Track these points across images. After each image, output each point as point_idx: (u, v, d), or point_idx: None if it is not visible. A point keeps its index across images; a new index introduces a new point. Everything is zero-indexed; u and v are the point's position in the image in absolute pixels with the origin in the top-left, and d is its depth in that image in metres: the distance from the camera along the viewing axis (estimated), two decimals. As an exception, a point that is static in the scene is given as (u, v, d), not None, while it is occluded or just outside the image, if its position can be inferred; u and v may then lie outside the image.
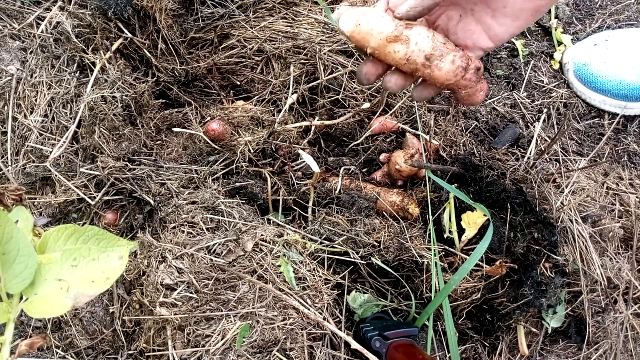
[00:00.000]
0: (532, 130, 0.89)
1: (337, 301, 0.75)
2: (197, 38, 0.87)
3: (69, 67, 0.87)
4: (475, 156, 0.84)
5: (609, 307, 0.79)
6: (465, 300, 0.75)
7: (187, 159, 0.82)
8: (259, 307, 0.65)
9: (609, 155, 0.91)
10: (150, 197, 0.76)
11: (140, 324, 0.71)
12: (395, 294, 0.79)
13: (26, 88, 0.85)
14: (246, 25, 0.87)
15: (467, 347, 0.79)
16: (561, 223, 0.78)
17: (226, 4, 0.86)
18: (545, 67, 0.97)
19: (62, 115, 0.84)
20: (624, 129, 0.94)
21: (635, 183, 0.89)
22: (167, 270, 0.66)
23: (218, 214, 0.73)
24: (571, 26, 1.02)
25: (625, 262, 0.81)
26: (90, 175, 0.80)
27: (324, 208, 0.80)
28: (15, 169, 0.82)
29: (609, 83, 0.90)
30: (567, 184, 0.84)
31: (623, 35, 0.94)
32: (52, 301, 0.39)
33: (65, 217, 0.82)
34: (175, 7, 0.82)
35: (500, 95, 0.93)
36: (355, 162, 0.87)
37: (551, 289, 0.72)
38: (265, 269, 0.67)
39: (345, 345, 0.70)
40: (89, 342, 0.76)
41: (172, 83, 0.87)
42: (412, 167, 0.80)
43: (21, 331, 0.76)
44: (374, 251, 0.75)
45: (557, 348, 0.81)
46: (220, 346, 0.63)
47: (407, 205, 0.78)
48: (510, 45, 0.97)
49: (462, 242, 0.76)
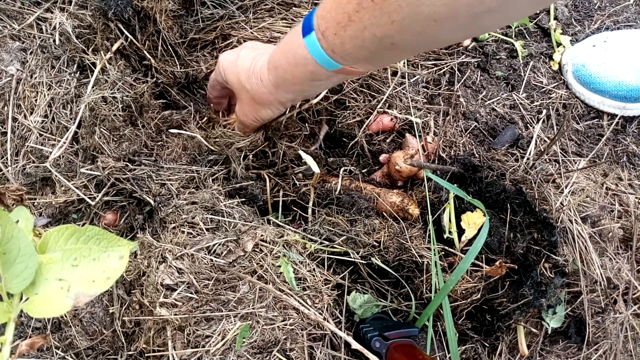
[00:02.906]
0: (532, 131, 0.90)
1: (337, 302, 0.75)
2: (197, 39, 0.87)
3: (69, 68, 0.87)
4: (474, 157, 0.84)
5: (608, 308, 0.79)
6: (465, 301, 0.75)
7: (187, 159, 0.82)
8: (259, 308, 0.65)
9: (608, 156, 0.92)
10: (150, 198, 0.76)
11: (140, 325, 0.71)
12: (395, 295, 0.79)
13: (26, 88, 0.85)
14: (246, 26, 0.87)
15: (467, 347, 0.79)
16: (561, 223, 0.78)
17: (226, 5, 0.87)
18: (545, 68, 0.97)
19: (62, 116, 0.84)
20: (622, 130, 0.94)
21: (635, 183, 0.89)
22: (167, 271, 0.66)
23: (218, 214, 0.73)
24: (570, 27, 1.02)
25: (625, 262, 0.81)
26: (91, 175, 0.80)
27: (324, 208, 0.80)
28: (15, 170, 0.82)
29: (608, 84, 0.91)
30: (567, 184, 0.84)
31: (622, 36, 0.94)
32: (52, 301, 0.39)
33: (65, 217, 0.82)
34: (176, 8, 0.82)
35: (499, 96, 0.93)
36: (355, 163, 0.87)
37: (551, 289, 0.72)
38: (266, 269, 0.67)
39: (345, 346, 0.70)
40: (88, 342, 0.76)
41: (170, 85, 0.87)
42: (411, 168, 0.80)
43: (21, 331, 0.76)
44: (374, 251, 0.75)
45: (557, 348, 0.81)
46: (221, 347, 0.63)
47: (407, 206, 0.79)
48: (509, 47, 0.98)
49: (462, 243, 0.76)
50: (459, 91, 0.92)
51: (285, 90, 0.65)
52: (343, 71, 0.58)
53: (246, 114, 0.72)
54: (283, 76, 0.63)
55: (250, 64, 0.67)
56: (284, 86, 0.65)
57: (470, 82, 0.94)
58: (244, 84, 0.68)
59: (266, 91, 0.66)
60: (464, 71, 0.94)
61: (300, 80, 0.62)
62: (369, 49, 0.52)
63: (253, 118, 0.72)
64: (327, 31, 0.53)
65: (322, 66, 0.57)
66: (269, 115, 0.71)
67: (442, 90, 0.92)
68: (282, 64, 0.62)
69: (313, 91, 0.72)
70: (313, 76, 0.60)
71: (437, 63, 0.94)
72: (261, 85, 0.66)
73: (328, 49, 0.55)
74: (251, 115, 0.72)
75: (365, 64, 0.57)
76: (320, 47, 0.55)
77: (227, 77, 0.71)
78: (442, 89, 0.92)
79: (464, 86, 0.93)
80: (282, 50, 0.62)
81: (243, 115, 0.73)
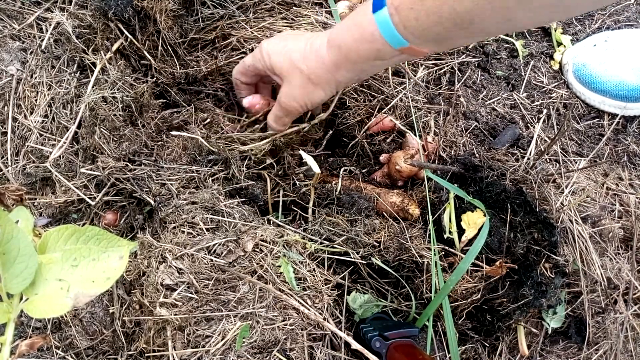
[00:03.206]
0: (532, 131, 0.90)
1: (337, 302, 0.75)
2: (197, 39, 0.87)
3: (69, 68, 0.87)
4: (475, 156, 0.84)
5: (609, 308, 0.79)
6: (466, 301, 0.75)
7: (187, 159, 0.82)
8: (259, 308, 0.65)
9: (608, 156, 0.92)
10: (150, 198, 0.76)
11: (140, 325, 0.71)
12: (395, 295, 0.79)
13: (26, 88, 0.85)
14: (246, 26, 0.87)
15: (467, 347, 0.79)
16: (561, 223, 0.78)
17: (226, 5, 0.87)
18: (545, 67, 0.97)
19: (62, 116, 0.84)
20: (623, 130, 0.94)
21: (635, 183, 0.89)
22: (167, 271, 0.66)
23: (218, 214, 0.73)
24: (571, 27, 1.02)
25: (625, 262, 0.81)
26: (91, 175, 0.80)
27: (324, 209, 0.80)
28: (15, 170, 0.82)
29: (609, 84, 0.91)
30: (567, 184, 0.84)
31: (622, 36, 0.94)
32: (52, 301, 0.39)
33: (66, 217, 0.82)
34: (176, 8, 0.82)
35: (500, 95, 0.93)
36: (355, 163, 0.87)
37: (551, 289, 0.72)
38: (266, 269, 0.67)
39: (345, 346, 0.70)
40: (89, 342, 0.76)
41: (170, 85, 0.87)
42: (412, 168, 0.80)
43: (21, 332, 0.76)
44: (374, 251, 0.75)
45: (557, 348, 0.81)
46: (221, 347, 0.63)
47: (407, 206, 0.78)
48: (510, 46, 0.97)
49: (462, 243, 0.76)
50: (460, 91, 0.92)
51: (346, 69, 0.64)
52: (409, 50, 0.57)
53: (295, 97, 0.70)
54: (346, 54, 0.62)
55: (304, 45, 0.66)
56: (346, 65, 0.63)
57: (470, 82, 0.94)
58: (297, 64, 0.67)
59: (325, 70, 0.65)
60: (464, 71, 0.94)
61: (364, 58, 0.61)
62: (444, 26, 0.52)
63: (302, 102, 0.70)
64: (402, 5, 0.53)
65: (390, 44, 0.57)
66: (320, 97, 0.69)
67: (442, 90, 0.92)
68: (347, 41, 0.61)
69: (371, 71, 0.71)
70: (378, 54, 0.60)
71: (438, 63, 0.94)
72: (320, 64, 0.65)
73: (400, 24, 0.54)
74: (301, 99, 0.70)
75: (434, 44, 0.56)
76: (391, 22, 0.54)
77: (273, 60, 0.69)
78: (443, 89, 0.92)
79: (465, 86, 0.93)
80: (348, 28, 0.61)
81: (291, 99, 0.70)
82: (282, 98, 0.72)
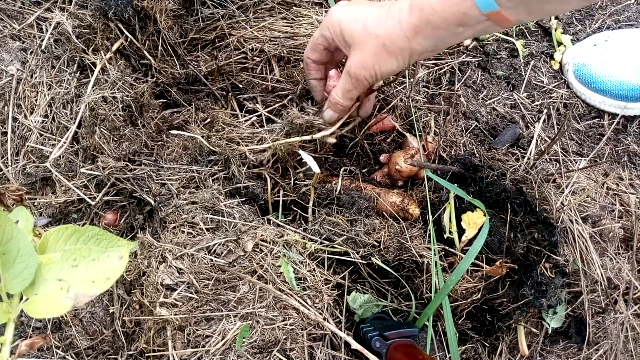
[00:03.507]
0: (532, 131, 0.89)
1: (337, 301, 0.75)
2: (197, 39, 0.87)
3: (69, 68, 0.87)
4: (475, 156, 0.84)
5: (609, 308, 0.79)
6: (466, 301, 0.75)
7: (188, 159, 0.82)
8: (259, 308, 0.65)
9: (609, 156, 0.92)
10: (150, 198, 0.76)
11: (140, 325, 0.71)
12: (395, 294, 0.79)
13: (26, 88, 0.85)
14: (246, 26, 0.87)
15: (467, 347, 0.79)
16: (561, 223, 0.78)
17: (226, 5, 0.87)
18: (546, 67, 0.97)
19: (62, 116, 0.84)
20: (623, 130, 0.94)
21: (636, 183, 0.89)
22: (167, 271, 0.66)
23: (218, 214, 0.73)
24: (571, 26, 1.02)
25: (625, 262, 0.81)
26: (91, 175, 0.80)
27: (324, 208, 0.80)
28: (15, 169, 0.82)
29: (609, 83, 0.90)
30: (567, 184, 0.84)
31: (623, 35, 0.94)
32: (52, 301, 0.39)
33: (66, 217, 0.82)
34: (176, 8, 0.82)
35: (500, 95, 0.93)
36: (355, 163, 0.87)
37: (551, 289, 0.72)
38: (266, 269, 0.67)
39: (345, 346, 0.70)
40: (89, 342, 0.76)
41: (170, 85, 0.87)
42: (412, 168, 0.80)
43: (21, 331, 0.76)
44: (374, 251, 0.75)
45: (558, 348, 0.81)
46: (221, 346, 0.63)
47: (407, 206, 0.78)
48: (510, 46, 0.97)
49: (462, 243, 0.76)
50: (460, 91, 0.92)
51: (424, 36, 0.61)
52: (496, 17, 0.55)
53: (366, 64, 0.66)
54: (429, 18, 0.59)
55: (381, 9, 0.64)
56: (425, 31, 0.61)
57: (470, 82, 0.94)
58: (372, 29, 0.64)
59: (403, 35, 0.62)
60: (464, 70, 0.94)
61: (447, 23, 0.59)
62: None
63: (373, 71, 0.66)
64: None
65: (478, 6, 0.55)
66: (392, 67, 0.66)
67: (442, 90, 0.92)
68: (432, 3, 0.59)
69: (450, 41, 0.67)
70: (462, 19, 0.58)
71: (438, 62, 0.94)
72: (398, 28, 0.62)
73: None
74: (371, 67, 0.66)
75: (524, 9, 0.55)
76: None
77: (344, 27, 0.66)
78: (443, 89, 0.92)
79: (465, 86, 0.93)
80: None
81: (361, 67, 0.67)
82: (352, 67, 0.67)
